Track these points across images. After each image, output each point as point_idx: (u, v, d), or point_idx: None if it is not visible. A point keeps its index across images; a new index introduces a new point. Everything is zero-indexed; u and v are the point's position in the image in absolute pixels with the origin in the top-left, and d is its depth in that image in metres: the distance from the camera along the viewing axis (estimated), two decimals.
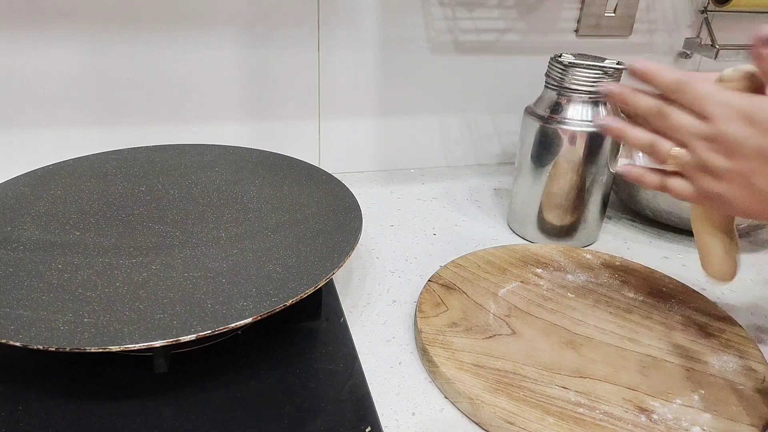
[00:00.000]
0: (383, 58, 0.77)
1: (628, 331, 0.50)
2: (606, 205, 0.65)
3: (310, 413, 0.41)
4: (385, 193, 0.77)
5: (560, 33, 0.81)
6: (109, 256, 0.48)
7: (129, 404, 0.41)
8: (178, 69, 0.70)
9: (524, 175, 0.64)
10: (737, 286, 0.60)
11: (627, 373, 0.45)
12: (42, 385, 0.42)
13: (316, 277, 0.44)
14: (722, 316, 0.52)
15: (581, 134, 0.59)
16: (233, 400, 0.41)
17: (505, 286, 0.55)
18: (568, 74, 0.59)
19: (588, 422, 0.40)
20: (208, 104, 0.73)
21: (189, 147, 0.68)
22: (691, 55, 0.88)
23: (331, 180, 0.61)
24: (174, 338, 0.38)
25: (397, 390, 0.44)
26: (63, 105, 0.69)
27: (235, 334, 0.48)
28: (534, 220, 0.65)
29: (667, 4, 0.84)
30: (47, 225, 0.52)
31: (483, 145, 0.87)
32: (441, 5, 0.75)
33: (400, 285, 0.57)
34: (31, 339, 0.37)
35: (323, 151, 0.80)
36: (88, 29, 0.66)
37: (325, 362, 0.45)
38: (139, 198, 0.57)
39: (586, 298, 0.54)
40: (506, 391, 0.42)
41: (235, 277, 0.45)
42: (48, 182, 0.59)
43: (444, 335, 0.48)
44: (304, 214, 0.55)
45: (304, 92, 0.76)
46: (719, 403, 0.42)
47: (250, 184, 0.61)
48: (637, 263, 0.60)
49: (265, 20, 0.70)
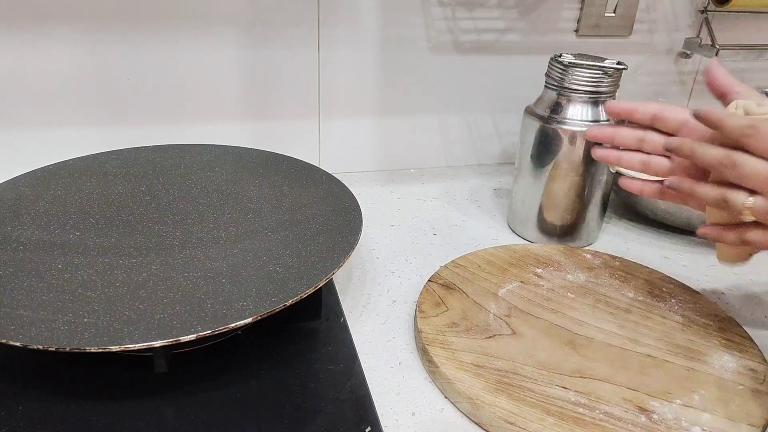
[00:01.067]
0: (383, 58, 0.77)
1: (628, 331, 0.50)
2: (606, 205, 0.65)
3: (310, 413, 0.41)
4: (385, 193, 0.77)
5: (560, 33, 0.81)
6: (109, 256, 0.48)
7: (129, 404, 0.41)
8: (178, 69, 0.70)
9: (524, 175, 0.64)
10: (737, 286, 0.60)
11: (627, 373, 0.45)
12: (42, 385, 0.42)
13: (316, 277, 0.44)
14: (722, 316, 0.52)
15: (581, 134, 0.59)
16: (233, 400, 0.41)
17: (505, 286, 0.55)
18: (568, 74, 0.59)
19: (588, 422, 0.40)
20: (208, 104, 0.73)
21: (189, 147, 0.68)
22: (691, 55, 0.88)
23: (331, 180, 0.61)
24: (174, 338, 0.38)
25: (397, 390, 0.44)
26: (63, 105, 0.69)
27: (235, 334, 0.48)
28: (534, 220, 0.65)
29: (667, 4, 0.84)
30: (47, 225, 0.52)
31: (483, 145, 0.87)
32: (441, 5, 0.75)
33: (400, 285, 0.57)
34: (31, 339, 0.37)
35: (323, 151, 0.80)
36: (89, 29, 0.66)
37: (325, 362, 0.45)
38: (139, 198, 0.57)
39: (586, 298, 0.54)
40: (506, 391, 0.42)
41: (235, 277, 0.45)
42: (48, 182, 0.59)
43: (444, 335, 0.48)
44: (304, 214, 0.55)
45: (304, 92, 0.76)
46: (719, 403, 0.42)
47: (250, 184, 0.61)
48: (637, 263, 0.60)
49: (265, 20, 0.70)
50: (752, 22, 0.88)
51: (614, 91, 0.60)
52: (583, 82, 0.58)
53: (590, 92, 0.58)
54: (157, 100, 0.71)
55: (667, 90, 0.91)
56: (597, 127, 0.52)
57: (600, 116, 0.59)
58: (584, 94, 0.59)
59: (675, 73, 0.90)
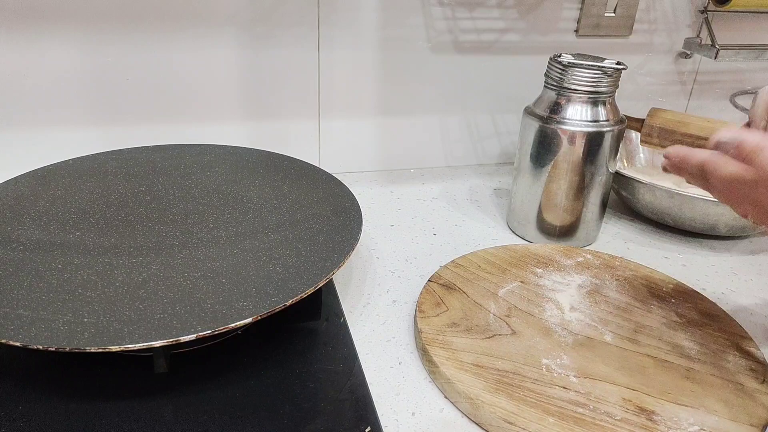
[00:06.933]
0: (383, 58, 0.77)
1: (628, 331, 0.50)
2: (606, 205, 0.65)
3: (310, 413, 0.41)
4: (385, 193, 0.77)
5: (560, 33, 0.81)
6: (109, 256, 0.48)
7: (129, 404, 0.41)
8: (178, 69, 0.70)
9: (524, 175, 0.64)
10: (737, 286, 0.60)
11: (627, 373, 0.45)
12: (42, 385, 0.42)
13: (316, 277, 0.44)
14: (722, 317, 0.52)
15: (581, 134, 0.59)
16: (233, 400, 0.41)
17: (505, 286, 0.55)
18: (567, 74, 0.59)
19: (588, 422, 0.40)
20: (208, 104, 0.73)
21: (189, 147, 0.68)
22: (691, 55, 0.88)
23: (331, 180, 0.61)
24: (174, 338, 0.38)
25: (397, 390, 0.44)
26: (63, 105, 0.69)
27: (235, 334, 0.48)
28: (533, 220, 0.65)
29: (667, 4, 0.84)
30: (47, 225, 0.52)
31: (483, 145, 0.87)
32: (441, 5, 0.76)
33: (400, 285, 0.57)
34: (31, 339, 0.37)
35: (323, 151, 0.80)
36: (89, 29, 0.66)
37: (325, 362, 0.45)
38: (139, 198, 0.57)
39: (586, 298, 0.54)
40: (506, 391, 0.42)
41: (235, 277, 0.45)
42: (48, 182, 0.59)
43: (444, 335, 0.48)
44: (304, 214, 0.55)
45: (304, 92, 0.76)
46: (719, 403, 0.42)
47: (250, 184, 0.61)
48: (637, 263, 0.60)
49: (265, 20, 0.70)
50: (752, 22, 0.88)
51: (614, 91, 0.60)
52: (583, 82, 0.58)
53: (590, 92, 0.58)
54: (157, 100, 0.71)
55: (667, 90, 0.91)
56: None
57: (599, 116, 0.59)
58: (584, 94, 0.59)
59: (675, 73, 0.90)
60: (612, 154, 0.61)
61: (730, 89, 0.92)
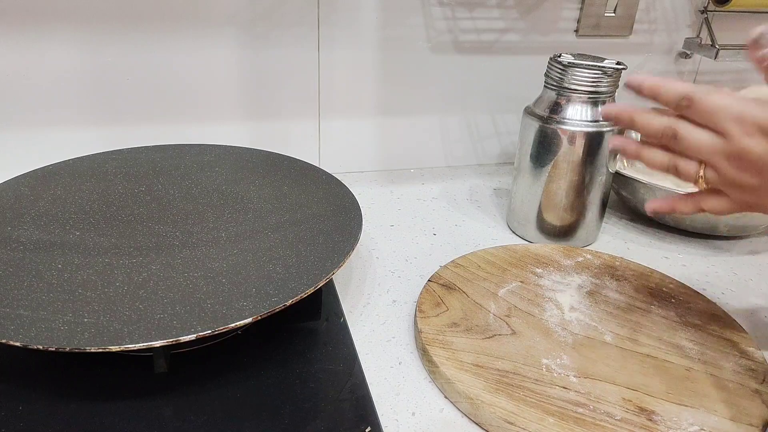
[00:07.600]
0: (383, 58, 0.77)
1: (628, 331, 0.50)
2: (605, 205, 0.65)
3: (310, 413, 0.41)
4: (385, 193, 0.77)
5: (560, 33, 0.81)
6: (109, 256, 0.48)
7: (129, 404, 0.41)
8: (178, 69, 0.70)
9: (524, 175, 0.64)
10: (737, 286, 0.60)
11: (627, 373, 0.45)
12: (42, 385, 0.42)
13: (316, 277, 0.44)
14: (722, 316, 0.52)
15: (580, 134, 0.59)
16: (233, 400, 0.41)
17: (505, 286, 0.55)
18: (567, 74, 0.59)
19: (588, 422, 0.40)
20: (208, 104, 0.73)
21: (189, 147, 0.68)
22: (691, 55, 0.88)
23: (331, 180, 0.61)
24: (174, 338, 0.38)
25: (397, 390, 0.44)
26: (63, 105, 0.69)
27: (235, 334, 0.48)
28: (533, 220, 0.65)
29: (667, 4, 0.84)
30: (47, 225, 0.52)
31: (483, 145, 0.87)
32: (441, 5, 0.76)
33: (400, 285, 0.57)
34: (31, 339, 0.37)
35: (323, 151, 0.80)
36: (88, 29, 0.66)
37: (325, 362, 0.45)
38: (139, 198, 0.57)
39: (585, 298, 0.54)
40: (506, 391, 0.42)
41: (235, 277, 0.45)
42: (48, 182, 0.59)
43: (444, 335, 0.48)
44: (304, 214, 0.55)
45: (304, 92, 0.76)
46: (719, 403, 0.42)
47: (250, 184, 0.61)
48: (637, 263, 0.60)
49: (265, 20, 0.70)
50: (752, 22, 0.88)
51: (614, 91, 0.60)
52: (583, 82, 0.58)
53: (589, 92, 0.58)
54: (157, 100, 0.71)
55: None
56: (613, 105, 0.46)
57: (599, 116, 0.59)
58: (583, 94, 0.59)
59: (675, 73, 0.90)
60: (612, 154, 0.61)
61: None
